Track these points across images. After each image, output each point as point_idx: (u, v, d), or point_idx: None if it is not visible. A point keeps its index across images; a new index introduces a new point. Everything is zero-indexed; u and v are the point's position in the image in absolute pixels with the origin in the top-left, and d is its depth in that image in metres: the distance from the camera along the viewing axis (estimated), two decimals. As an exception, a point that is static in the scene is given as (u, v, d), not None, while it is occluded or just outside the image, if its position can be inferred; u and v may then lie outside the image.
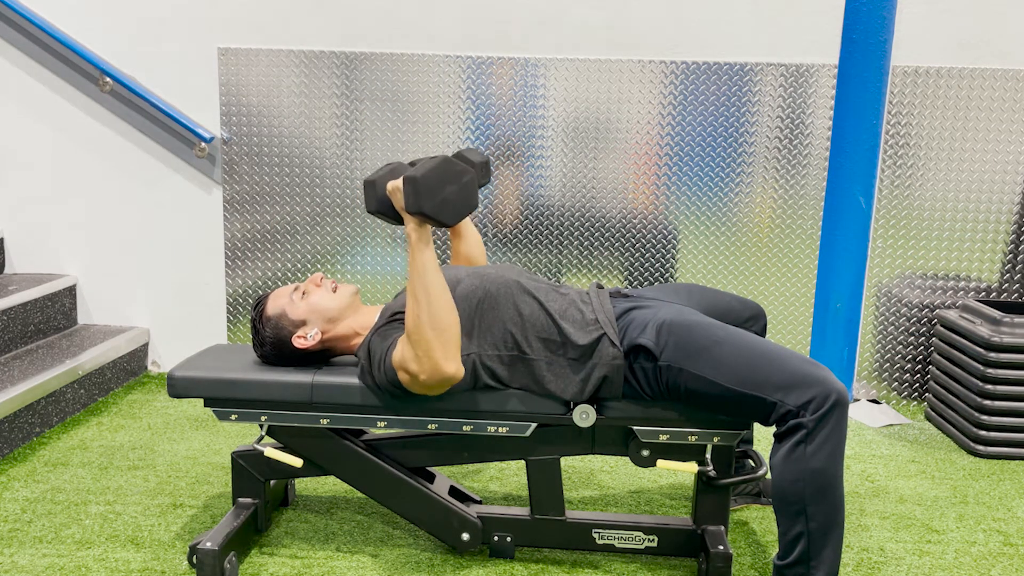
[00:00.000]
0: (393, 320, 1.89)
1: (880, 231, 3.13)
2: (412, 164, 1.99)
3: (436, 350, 1.69)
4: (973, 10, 3.00)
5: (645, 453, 1.92)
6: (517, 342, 1.84)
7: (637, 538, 1.98)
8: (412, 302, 1.70)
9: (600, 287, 1.99)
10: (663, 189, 3.16)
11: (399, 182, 1.71)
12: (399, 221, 1.80)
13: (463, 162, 2.08)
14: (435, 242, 2.99)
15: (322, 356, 2.01)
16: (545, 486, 1.97)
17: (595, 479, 2.49)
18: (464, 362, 1.82)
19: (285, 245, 3.28)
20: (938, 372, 2.98)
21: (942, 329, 2.96)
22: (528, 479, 1.97)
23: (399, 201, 1.72)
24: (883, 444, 2.82)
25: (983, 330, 2.69)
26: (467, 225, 2.23)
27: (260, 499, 2.05)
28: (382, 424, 1.92)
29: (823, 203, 3.03)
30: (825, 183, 2.98)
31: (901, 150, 3.08)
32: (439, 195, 1.63)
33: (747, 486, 2.31)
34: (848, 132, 2.75)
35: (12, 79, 3.22)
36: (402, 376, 1.77)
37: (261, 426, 1.96)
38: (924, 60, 3.03)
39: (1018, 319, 2.67)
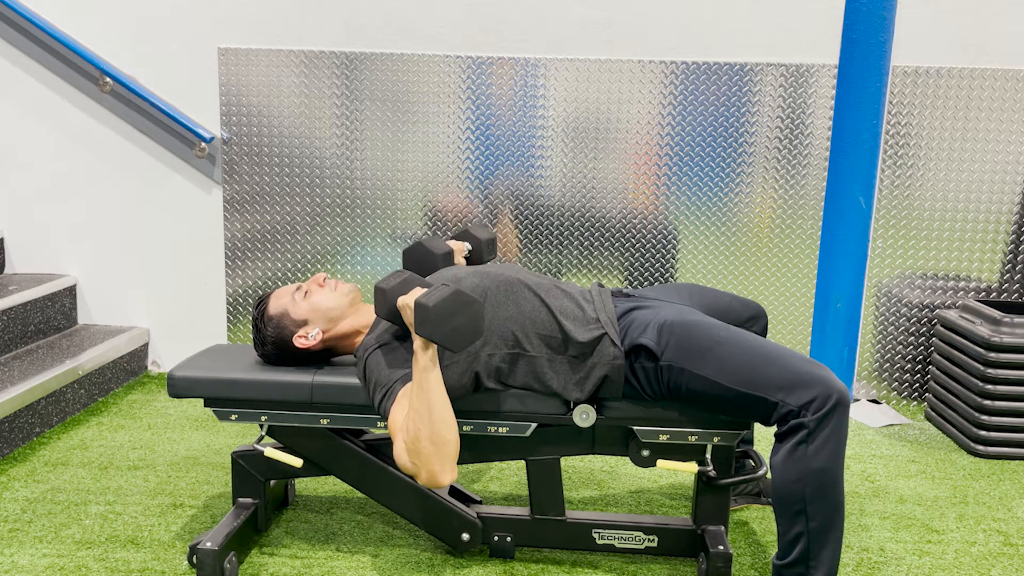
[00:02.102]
0: (396, 344, 1.86)
1: (880, 231, 3.13)
2: (416, 250, 2.04)
3: (434, 463, 1.68)
4: (973, 10, 3.00)
5: (645, 453, 1.92)
6: (518, 339, 1.84)
7: (637, 538, 1.98)
8: (415, 416, 1.69)
9: (601, 287, 1.99)
10: (663, 189, 3.16)
11: (410, 300, 1.72)
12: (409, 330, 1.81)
13: (471, 238, 2.17)
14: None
15: (323, 356, 2.01)
16: (545, 486, 1.97)
17: (595, 479, 2.49)
18: (465, 362, 1.82)
19: (285, 245, 3.28)
20: (938, 372, 2.98)
21: (942, 329, 2.96)
22: (528, 479, 1.97)
23: (408, 318, 1.72)
24: (883, 444, 2.82)
25: (983, 330, 2.69)
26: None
27: (260, 499, 2.05)
28: (382, 424, 1.92)
29: (823, 203, 3.03)
30: (825, 183, 2.97)
31: (901, 150, 3.08)
32: (448, 325, 1.67)
33: (747, 486, 2.31)
34: (848, 132, 2.75)
35: (12, 79, 3.22)
36: (395, 442, 1.73)
37: (261, 426, 1.96)
38: (924, 60, 3.03)
39: (1018, 319, 2.67)
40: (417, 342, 1.71)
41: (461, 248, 2.19)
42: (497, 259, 3.23)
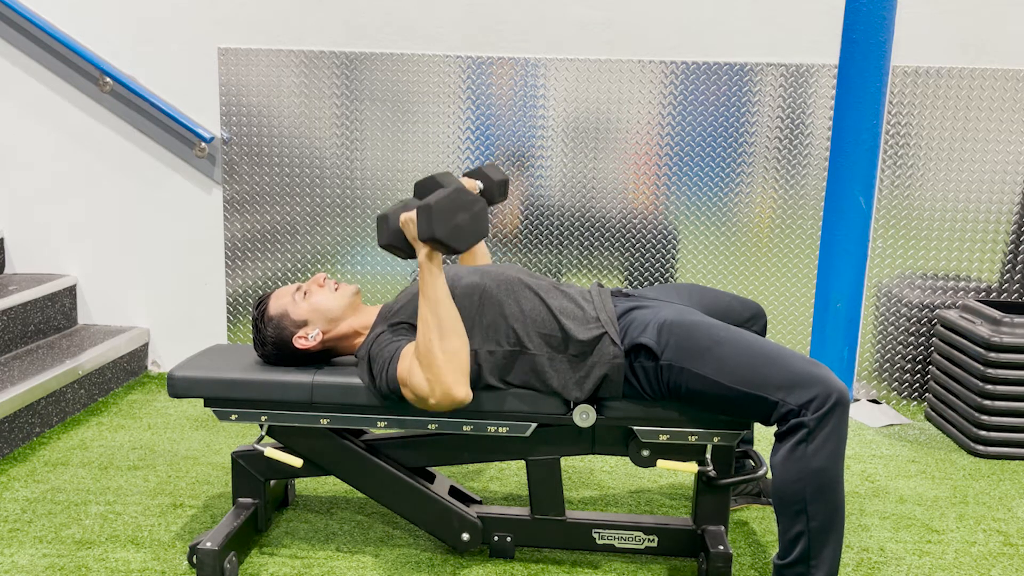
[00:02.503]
0: (396, 326, 1.88)
1: (880, 231, 3.13)
2: (427, 183, 2.03)
3: (447, 375, 1.70)
4: (973, 10, 3.00)
5: (645, 453, 1.92)
6: (519, 337, 1.84)
7: (637, 538, 1.98)
8: (423, 327, 1.72)
9: (601, 286, 2.00)
10: (663, 189, 3.16)
11: (412, 213, 1.74)
12: (410, 255, 1.83)
13: (483, 178, 2.14)
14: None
15: (323, 356, 2.01)
16: (545, 486, 1.97)
17: (595, 479, 2.49)
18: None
19: (285, 245, 3.28)
20: (938, 372, 2.98)
21: (942, 329, 2.96)
22: (528, 479, 1.97)
23: (411, 232, 1.75)
24: (883, 444, 2.82)
25: (983, 330, 2.69)
26: (480, 247, 2.26)
27: (260, 499, 2.05)
28: (382, 424, 1.92)
29: (823, 203, 3.03)
30: (825, 183, 2.97)
31: (901, 150, 3.08)
32: (452, 222, 1.69)
33: (747, 486, 2.31)
34: (848, 132, 2.75)
35: (12, 79, 3.22)
36: (407, 393, 1.77)
37: (261, 426, 1.96)
38: (924, 60, 3.03)
39: (1018, 319, 2.67)
40: (422, 254, 1.74)
41: (473, 186, 2.15)
42: (496, 261, 3.23)
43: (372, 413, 1.91)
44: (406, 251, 1.83)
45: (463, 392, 1.73)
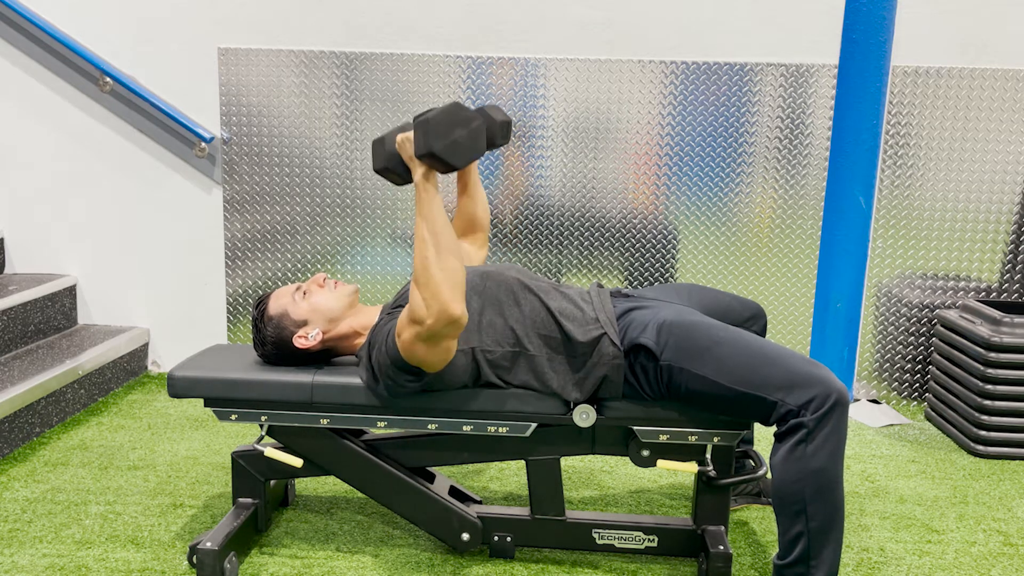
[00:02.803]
0: (392, 312, 1.89)
1: (880, 231, 3.13)
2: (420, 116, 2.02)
3: (444, 291, 1.68)
4: (973, 10, 3.00)
5: (645, 453, 1.92)
6: (518, 338, 1.84)
7: (637, 538, 1.98)
8: (420, 245, 1.71)
9: (601, 287, 2.00)
10: (663, 189, 3.16)
11: (409, 133, 1.75)
12: (405, 179, 1.82)
13: (486, 117, 2.10)
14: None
15: (323, 356, 2.01)
16: (545, 486, 1.97)
17: (595, 479, 2.49)
18: (466, 354, 1.82)
19: (285, 245, 3.28)
20: (938, 372, 2.98)
21: (942, 329, 2.96)
22: (528, 479, 1.97)
23: (408, 151, 1.75)
24: (883, 444, 2.82)
25: (983, 330, 2.69)
26: (475, 183, 2.21)
27: (260, 499, 2.05)
28: (382, 424, 1.92)
29: (823, 203, 3.03)
30: (825, 183, 2.98)
31: (901, 150, 3.08)
32: (449, 137, 1.68)
33: (747, 486, 2.31)
34: (848, 132, 2.75)
35: (12, 79, 3.22)
36: (406, 336, 1.73)
37: (261, 426, 1.96)
38: (924, 60, 3.03)
39: (1018, 319, 2.67)
40: (418, 174, 1.73)
41: None
42: (491, 260, 3.23)
43: (372, 413, 1.91)
44: (401, 175, 1.83)
45: (459, 309, 1.69)
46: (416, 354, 1.75)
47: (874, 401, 3.22)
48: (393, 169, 1.82)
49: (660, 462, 1.89)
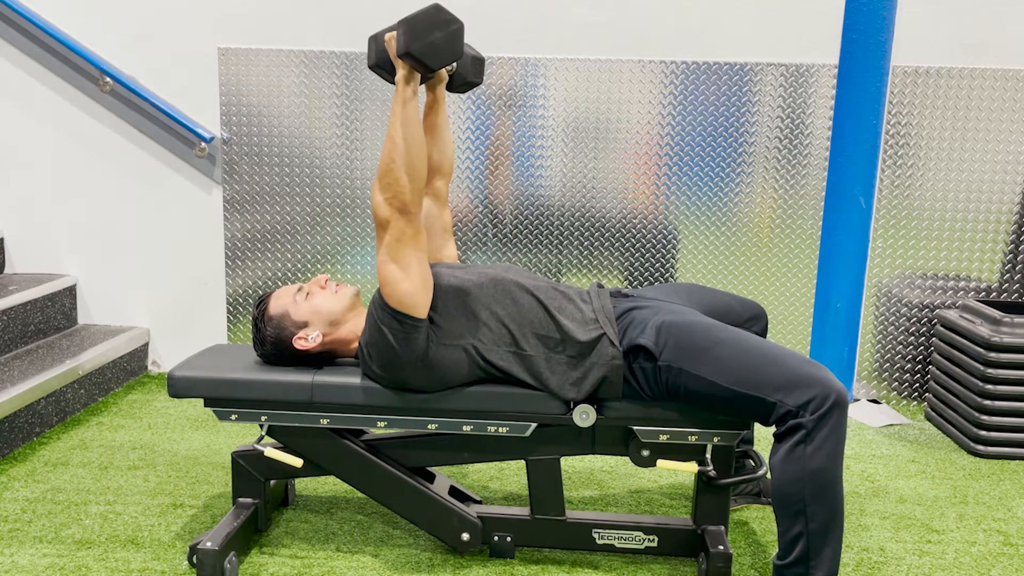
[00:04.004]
0: None
1: (880, 231, 3.13)
2: None
3: (406, 192, 1.74)
4: (973, 10, 3.00)
5: (645, 453, 1.92)
6: (515, 338, 1.84)
7: (637, 538, 1.98)
8: (390, 145, 1.75)
9: (600, 287, 2.00)
10: (663, 189, 3.16)
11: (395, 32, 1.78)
12: (394, 77, 1.85)
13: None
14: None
15: (322, 358, 2.00)
16: (545, 486, 1.97)
17: (595, 479, 2.49)
18: (463, 350, 1.82)
19: (285, 245, 3.28)
20: (938, 372, 2.98)
21: (942, 329, 2.96)
22: (528, 479, 1.97)
23: (393, 49, 1.78)
24: (883, 444, 2.83)
25: (983, 330, 2.69)
26: (441, 126, 2.16)
27: (260, 499, 2.05)
28: (382, 424, 1.92)
29: (823, 203, 3.03)
30: (825, 183, 2.98)
31: (901, 150, 3.08)
32: (427, 38, 1.72)
33: (747, 486, 2.31)
34: (848, 132, 2.75)
35: (12, 79, 3.22)
36: (380, 259, 1.77)
37: (261, 426, 1.96)
38: (924, 60, 3.03)
39: (1018, 319, 2.67)
40: (400, 72, 1.77)
41: None
42: (491, 260, 3.23)
43: (372, 413, 1.91)
44: (391, 73, 1.86)
45: (416, 210, 1.76)
46: (392, 283, 1.76)
47: (874, 401, 3.22)
48: (383, 66, 1.85)
49: (660, 462, 1.89)
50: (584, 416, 1.86)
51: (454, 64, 2.06)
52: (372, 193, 1.79)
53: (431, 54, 1.73)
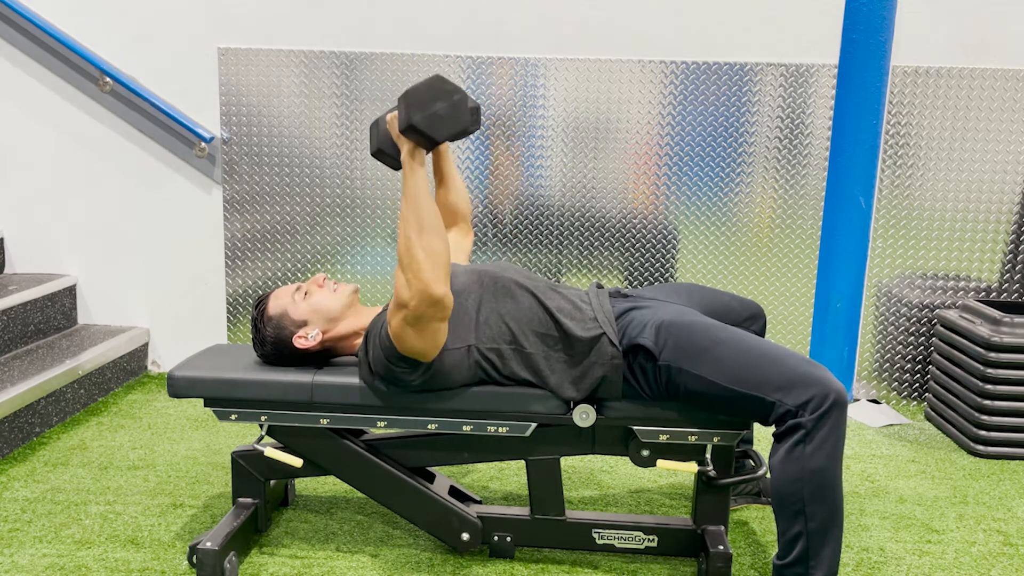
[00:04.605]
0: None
1: (880, 231, 3.13)
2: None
3: (426, 271, 1.68)
4: (973, 10, 3.00)
5: (645, 453, 1.92)
6: (515, 336, 1.84)
7: (637, 538, 1.98)
8: (403, 226, 1.72)
9: (600, 287, 2.00)
10: (663, 189, 3.16)
11: (396, 112, 1.76)
12: (398, 162, 1.84)
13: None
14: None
15: (322, 357, 2.01)
16: (545, 486, 1.97)
17: (595, 479, 2.49)
18: (463, 351, 1.82)
19: (285, 245, 3.28)
20: (938, 372, 2.98)
21: (942, 329, 2.96)
22: (528, 479, 1.97)
23: (395, 129, 1.76)
24: (883, 444, 2.83)
25: (983, 330, 2.69)
26: (452, 173, 2.18)
27: (260, 499, 2.05)
28: (382, 424, 1.92)
29: (823, 203, 3.03)
30: (825, 183, 2.98)
31: (901, 150, 3.08)
32: (429, 109, 1.69)
33: (747, 486, 2.31)
34: (848, 132, 2.75)
35: (12, 79, 3.22)
36: (395, 323, 1.73)
37: (261, 426, 1.96)
38: (924, 60, 3.03)
39: (1018, 319, 2.67)
40: (404, 151, 1.75)
41: None
42: (491, 260, 3.23)
43: (372, 413, 1.91)
44: (394, 156, 1.84)
45: (441, 290, 1.69)
46: (406, 341, 1.75)
47: (874, 401, 3.22)
48: (386, 151, 1.83)
49: (660, 462, 1.88)
50: (584, 416, 1.86)
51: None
52: (395, 274, 1.74)
53: (435, 126, 1.70)
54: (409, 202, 1.71)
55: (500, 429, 1.90)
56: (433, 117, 1.69)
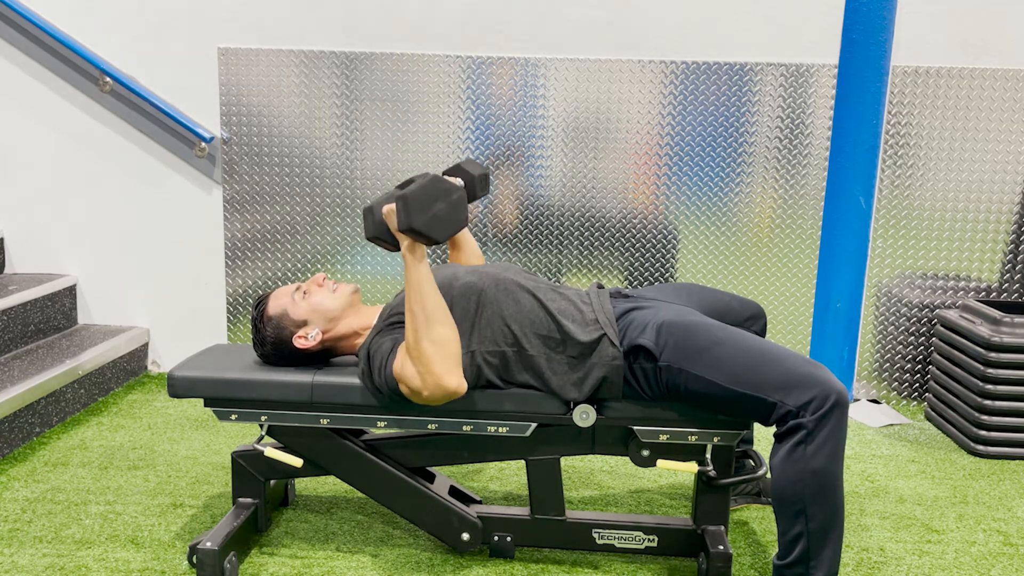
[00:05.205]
0: (392, 323, 1.89)
1: (880, 231, 3.13)
2: (405, 185, 2.00)
3: (437, 364, 1.71)
4: (973, 10, 3.00)
5: (645, 453, 1.92)
6: (517, 338, 1.84)
7: (637, 538, 1.98)
8: (410, 318, 1.72)
9: (600, 287, 2.00)
10: (663, 189, 3.16)
11: (394, 205, 1.74)
12: (396, 247, 1.82)
13: (463, 174, 2.12)
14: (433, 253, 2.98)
15: (322, 356, 2.01)
16: (545, 486, 1.97)
17: (595, 479, 2.49)
18: (466, 358, 1.82)
19: (285, 245, 3.28)
20: (938, 372, 2.98)
21: (942, 329, 2.96)
22: (528, 479, 1.97)
23: (393, 223, 1.75)
24: (883, 444, 2.83)
25: (983, 330, 2.69)
26: (465, 238, 2.24)
27: (260, 499, 2.05)
28: (382, 424, 1.92)
29: (823, 203, 3.03)
30: (825, 183, 2.98)
31: (901, 150, 3.08)
32: (429, 212, 1.68)
33: (747, 486, 2.31)
34: (848, 132, 2.75)
35: (12, 79, 3.22)
36: (404, 388, 1.78)
37: (261, 426, 1.96)
38: (924, 60, 3.03)
39: (1018, 319, 2.67)
40: (404, 244, 1.74)
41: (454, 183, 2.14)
42: (495, 258, 3.23)
43: (372, 413, 1.91)
44: (392, 243, 1.83)
45: (455, 382, 1.72)
46: (417, 402, 1.80)
47: (874, 401, 3.22)
48: (383, 238, 1.81)
49: (660, 462, 1.88)
50: (584, 416, 1.86)
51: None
52: (403, 360, 1.74)
53: (435, 227, 1.69)
54: (414, 295, 1.73)
55: (500, 429, 1.90)
56: (433, 219, 1.68)
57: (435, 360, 1.70)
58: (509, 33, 3.11)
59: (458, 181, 2.10)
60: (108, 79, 3.16)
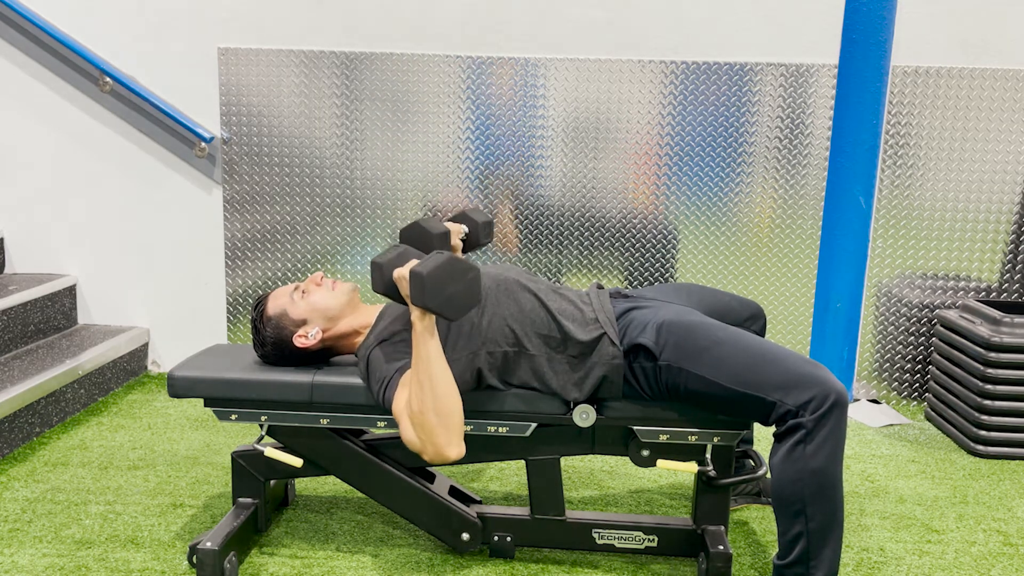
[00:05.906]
0: (394, 341, 1.87)
1: (880, 231, 3.13)
2: (413, 229, 1.99)
3: (440, 436, 1.70)
4: (973, 10, 3.00)
5: (645, 453, 1.92)
6: (518, 337, 1.84)
7: (637, 538, 1.98)
8: (417, 388, 1.70)
9: (600, 287, 2.00)
10: (663, 189, 3.16)
11: (405, 271, 1.71)
12: (405, 304, 1.80)
13: (467, 221, 2.12)
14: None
15: (323, 356, 2.01)
16: (545, 486, 1.97)
17: (595, 479, 2.49)
18: (466, 359, 1.82)
19: (285, 245, 3.28)
20: (938, 372, 2.98)
21: (942, 329, 2.96)
22: (528, 479, 1.97)
23: (405, 289, 1.73)
24: (883, 444, 2.83)
25: (983, 330, 2.69)
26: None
27: (260, 499, 2.05)
28: (382, 424, 1.92)
29: (823, 203, 3.03)
30: (825, 183, 2.98)
31: (901, 150, 3.08)
32: (444, 293, 1.66)
33: (747, 486, 2.31)
34: (848, 132, 2.75)
35: (12, 79, 3.22)
36: (401, 435, 1.76)
37: (261, 426, 1.96)
38: (924, 60, 3.03)
39: (1018, 319, 2.67)
40: (414, 313, 1.72)
41: (458, 230, 2.14)
42: (495, 259, 3.23)
43: (372, 413, 1.91)
44: (402, 300, 1.81)
45: (455, 452, 1.71)
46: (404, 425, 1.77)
47: (874, 401, 3.22)
48: (393, 297, 1.80)
49: (660, 462, 1.88)
50: (584, 416, 1.86)
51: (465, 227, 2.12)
52: (405, 430, 1.73)
53: (449, 308, 1.67)
54: (422, 365, 1.70)
55: (500, 429, 1.90)
56: (448, 300, 1.66)
57: (438, 432, 1.69)
58: (509, 33, 3.11)
59: (463, 228, 2.11)
60: (108, 79, 3.16)
